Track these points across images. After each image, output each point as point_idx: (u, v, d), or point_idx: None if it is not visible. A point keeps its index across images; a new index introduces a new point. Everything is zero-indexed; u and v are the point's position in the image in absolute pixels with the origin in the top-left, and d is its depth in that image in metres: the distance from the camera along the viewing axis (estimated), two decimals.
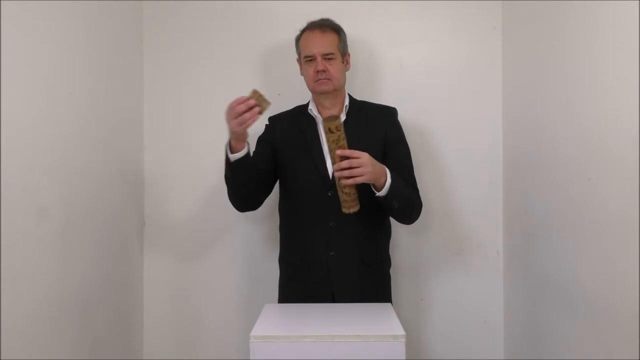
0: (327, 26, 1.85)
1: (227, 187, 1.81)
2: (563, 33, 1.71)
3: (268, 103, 1.61)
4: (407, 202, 1.76)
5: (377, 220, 1.85)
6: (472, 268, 2.23)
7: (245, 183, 1.77)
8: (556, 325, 1.76)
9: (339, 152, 1.61)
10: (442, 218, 2.23)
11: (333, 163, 1.64)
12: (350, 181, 1.60)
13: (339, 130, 1.62)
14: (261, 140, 1.93)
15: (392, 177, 1.67)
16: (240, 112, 1.57)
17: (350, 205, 1.67)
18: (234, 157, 1.68)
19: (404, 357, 1.33)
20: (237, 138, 1.66)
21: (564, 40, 1.71)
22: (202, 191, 2.24)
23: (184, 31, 2.25)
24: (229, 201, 1.84)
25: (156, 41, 2.25)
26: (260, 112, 1.59)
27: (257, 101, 1.58)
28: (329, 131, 1.62)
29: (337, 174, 1.61)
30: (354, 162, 1.59)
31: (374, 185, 1.67)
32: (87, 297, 1.78)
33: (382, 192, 1.67)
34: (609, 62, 1.44)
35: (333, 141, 1.62)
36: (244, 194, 1.83)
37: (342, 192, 1.66)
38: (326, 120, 1.64)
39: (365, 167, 1.59)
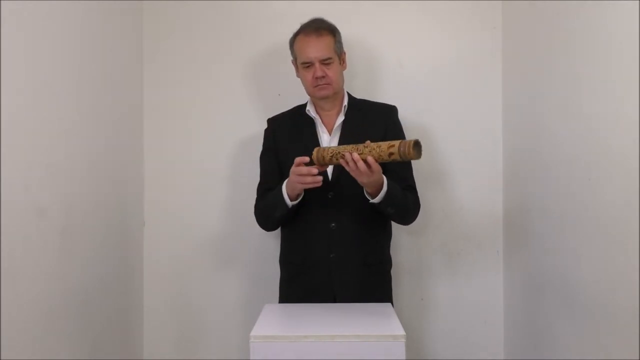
0: (322, 29, 1.82)
1: (266, 217, 1.84)
2: (563, 33, 1.71)
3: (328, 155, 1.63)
4: (402, 207, 1.76)
5: (378, 221, 1.85)
6: (472, 268, 2.23)
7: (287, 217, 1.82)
8: (556, 325, 1.76)
9: (369, 159, 1.55)
10: (442, 218, 2.22)
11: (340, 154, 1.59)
12: (347, 167, 1.58)
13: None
14: (266, 149, 1.93)
15: (388, 186, 1.67)
16: (305, 174, 1.63)
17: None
18: (292, 204, 1.73)
19: (404, 357, 1.33)
20: (295, 190, 1.71)
21: (563, 40, 1.71)
22: (202, 191, 2.24)
23: (183, 31, 2.25)
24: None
25: (156, 41, 2.25)
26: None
27: (324, 160, 1.63)
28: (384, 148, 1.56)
29: (345, 163, 1.57)
30: (361, 167, 1.55)
31: (368, 192, 1.68)
32: (86, 297, 1.78)
33: (377, 200, 1.68)
34: (609, 62, 1.44)
35: (365, 146, 1.57)
36: (280, 222, 1.88)
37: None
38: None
39: (368, 177, 1.58)
